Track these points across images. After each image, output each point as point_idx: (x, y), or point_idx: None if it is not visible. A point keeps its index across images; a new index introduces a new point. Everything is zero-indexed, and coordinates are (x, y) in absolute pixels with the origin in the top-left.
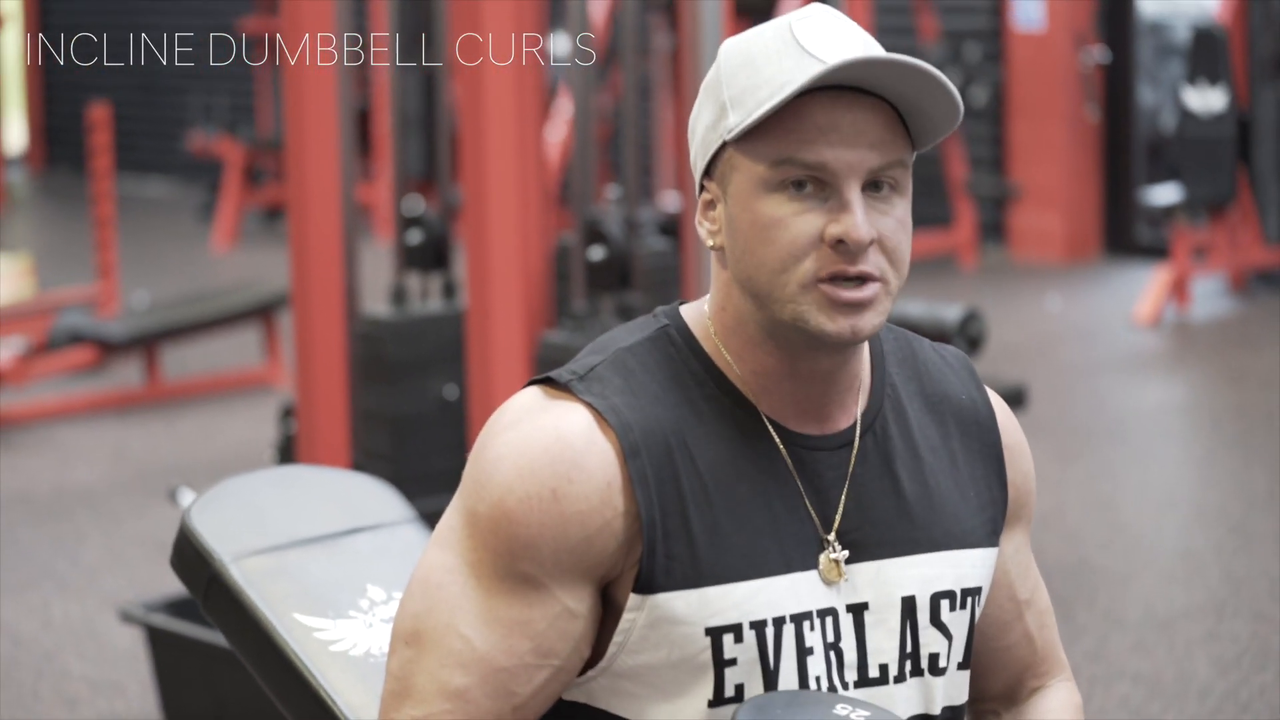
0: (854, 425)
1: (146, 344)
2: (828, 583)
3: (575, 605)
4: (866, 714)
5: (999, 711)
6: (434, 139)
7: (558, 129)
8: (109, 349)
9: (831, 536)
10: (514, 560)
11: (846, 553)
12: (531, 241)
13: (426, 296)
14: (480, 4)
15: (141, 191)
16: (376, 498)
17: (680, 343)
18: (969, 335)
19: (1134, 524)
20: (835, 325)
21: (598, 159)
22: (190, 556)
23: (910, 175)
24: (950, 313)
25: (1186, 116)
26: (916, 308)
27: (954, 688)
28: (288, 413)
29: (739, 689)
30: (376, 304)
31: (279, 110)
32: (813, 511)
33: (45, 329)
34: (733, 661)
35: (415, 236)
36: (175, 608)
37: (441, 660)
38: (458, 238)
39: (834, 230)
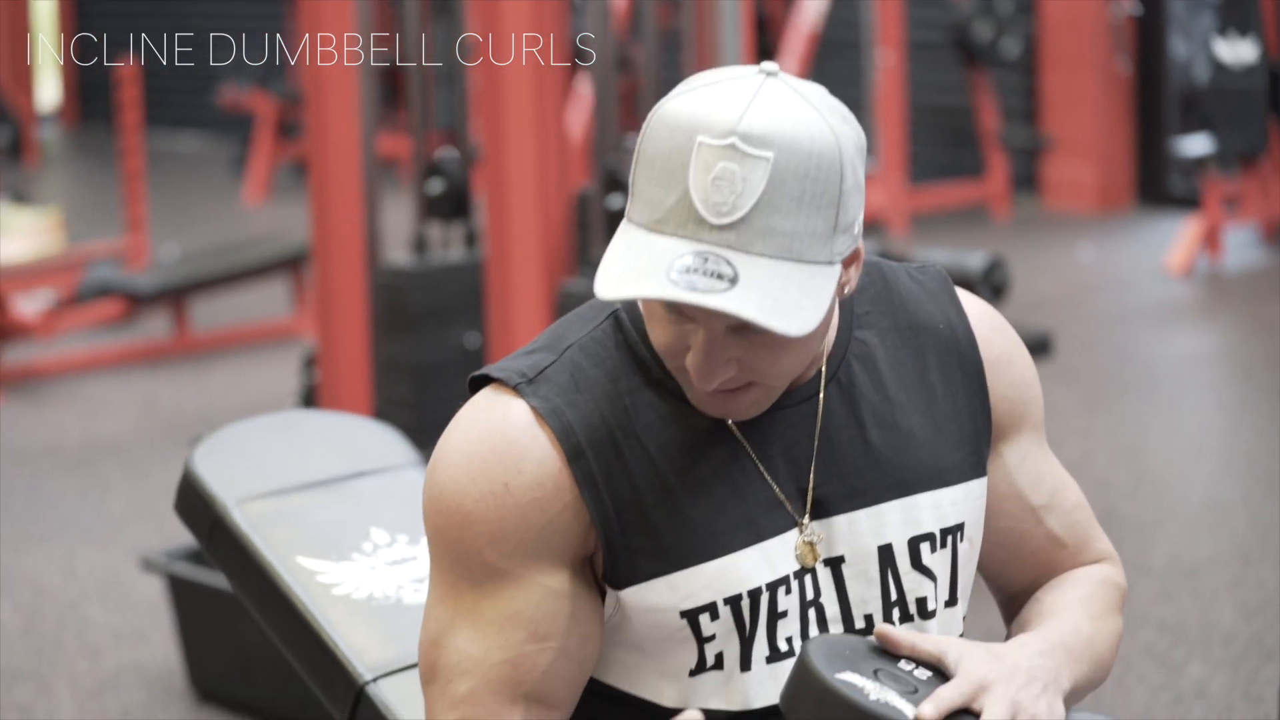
0: (814, 380)
1: (175, 296)
2: (804, 564)
3: (557, 585)
4: (929, 674)
5: None
6: (456, 88)
7: (583, 81)
8: (137, 302)
9: (806, 519)
10: (484, 559)
11: (821, 530)
12: (551, 190)
13: (448, 246)
14: None
15: (175, 146)
16: (380, 441)
17: (629, 328)
18: (993, 283)
19: (1161, 472)
20: (712, 410)
21: (620, 109)
22: (194, 501)
23: None
24: (974, 260)
25: (1218, 68)
26: (940, 256)
27: (945, 627)
28: (310, 362)
29: (719, 657)
30: (401, 253)
31: None
32: (769, 478)
33: (74, 282)
34: (711, 637)
35: (436, 186)
36: (198, 557)
37: (447, 679)
38: (479, 187)
39: (688, 360)
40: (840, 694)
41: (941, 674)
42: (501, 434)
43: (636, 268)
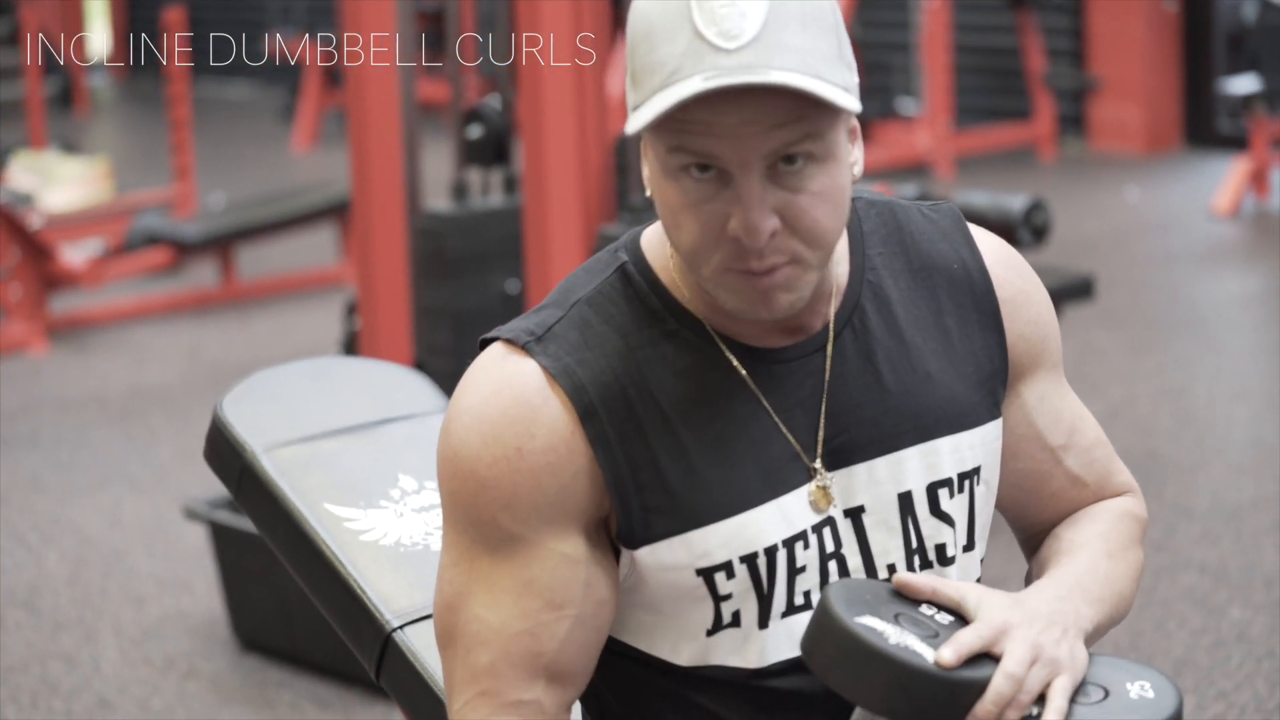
0: (828, 326)
1: (221, 245)
2: (818, 510)
3: (571, 551)
4: (950, 619)
5: None
6: (499, 33)
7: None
8: (184, 250)
9: (817, 464)
10: (499, 524)
11: (832, 476)
12: (590, 135)
13: (487, 191)
14: None
15: (224, 94)
16: (409, 387)
17: (638, 279)
18: (1034, 225)
19: (1205, 415)
20: (751, 308)
21: None
22: (223, 448)
23: (838, 131)
24: (1015, 203)
25: (1265, 6)
26: (981, 198)
27: (964, 573)
28: (352, 309)
29: (735, 615)
30: (443, 198)
31: None
32: (786, 431)
33: (122, 231)
34: (728, 596)
35: (476, 131)
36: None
37: (467, 647)
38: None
39: (731, 226)
40: (860, 638)
41: (962, 619)
42: (512, 396)
43: (665, 99)
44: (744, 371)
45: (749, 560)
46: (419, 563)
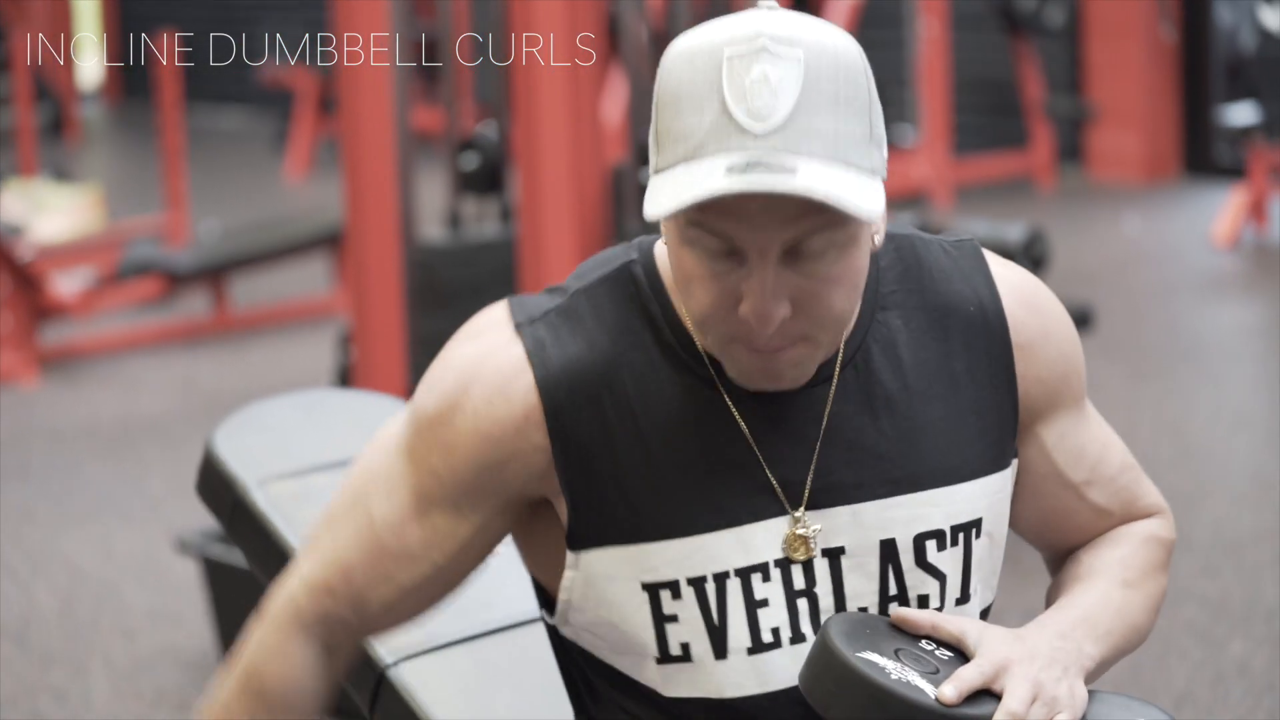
0: (828, 364)
1: (214, 274)
2: (791, 556)
3: (471, 517)
4: (950, 654)
5: None
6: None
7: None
8: (176, 280)
9: (800, 512)
10: (430, 457)
11: (816, 516)
12: (585, 165)
13: (483, 221)
14: None
15: (216, 122)
16: None
17: (643, 282)
18: (1033, 256)
19: (1205, 446)
20: (755, 383)
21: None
22: (215, 481)
23: (857, 222)
24: (1013, 233)
25: (1264, 35)
26: (980, 227)
27: None
28: (345, 340)
29: (685, 647)
30: (438, 228)
31: None
32: (764, 463)
33: (114, 260)
34: (673, 618)
35: (471, 162)
36: None
37: (348, 527)
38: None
39: (743, 309)
40: (861, 673)
41: (962, 655)
42: (494, 364)
43: (686, 183)
44: (729, 400)
45: (696, 584)
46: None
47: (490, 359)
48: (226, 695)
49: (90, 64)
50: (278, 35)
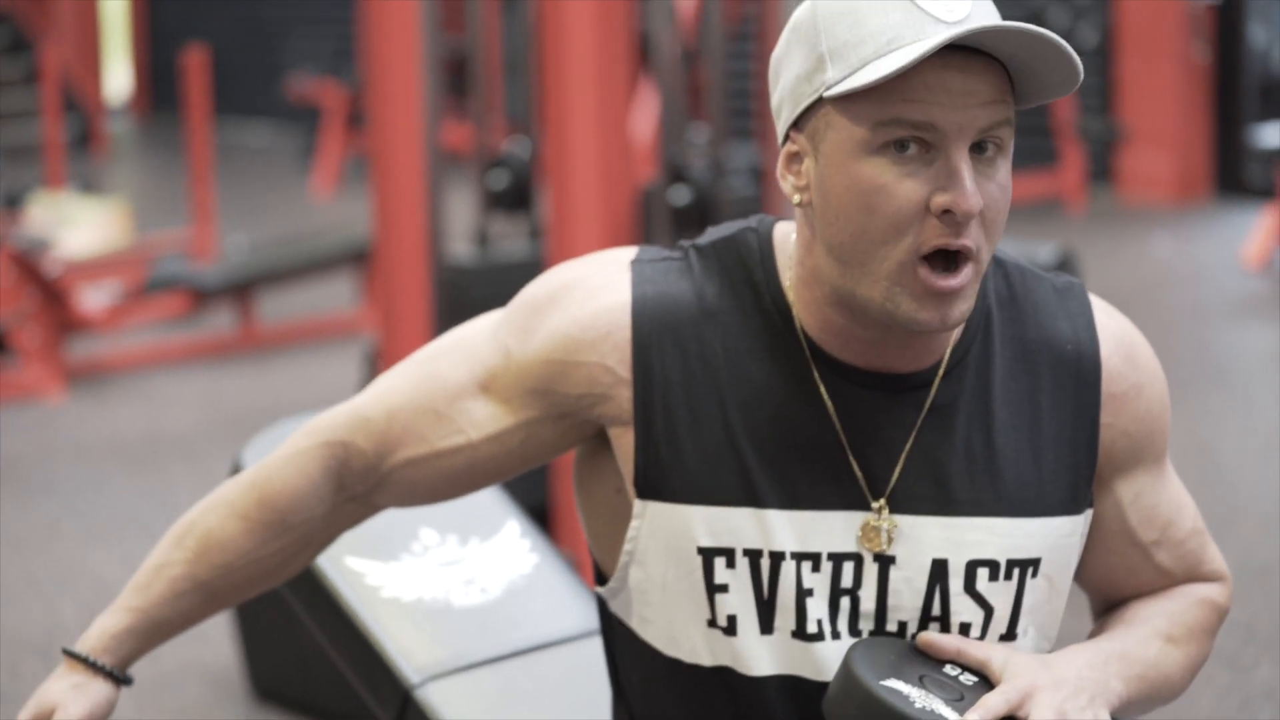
0: (930, 369)
1: (240, 291)
2: (863, 545)
3: (520, 412)
4: (975, 679)
5: None
6: (524, 78)
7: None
8: (203, 295)
9: (880, 503)
10: (509, 339)
11: (895, 520)
12: (615, 185)
13: (511, 239)
14: None
15: (244, 137)
16: None
17: (755, 249)
18: None
19: (1234, 470)
20: (926, 314)
21: (688, 101)
22: None
23: (1013, 134)
24: (1042, 254)
25: None
26: (1010, 249)
27: None
28: (371, 358)
29: (731, 620)
30: (466, 246)
31: None
32: (853, 458)
33: (141, 275)
34: (724, 588)
35: (500, 179)
36: None
37: (411, 375)
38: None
39: (941, 200)
40: (885, 702)
41: (987, 681)
42: (597, 280)
43: (894, 61)
44: (821, 383)
45: (752, 555)
46: (440, 618)
47: (599, 275)
48: (233, 483)
49: (118, 78)
50: (307, 50)
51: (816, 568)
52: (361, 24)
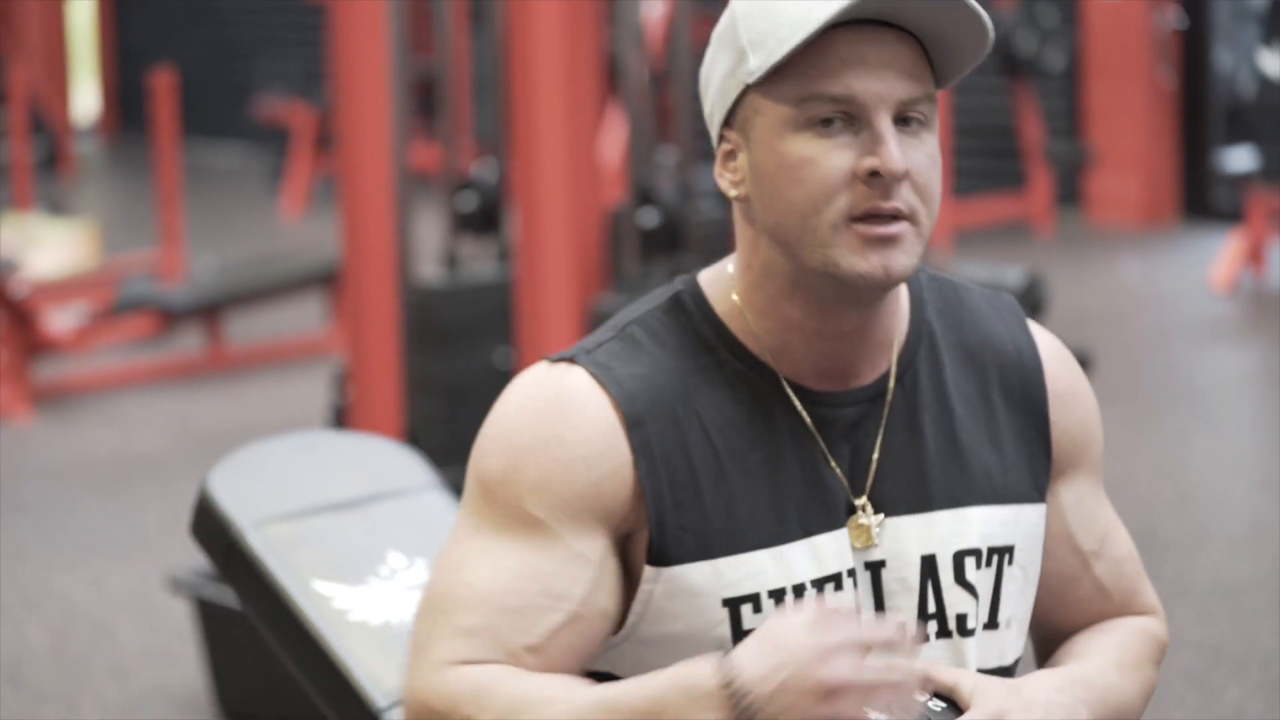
0: (882, 378)
1: (209, 311)
2: (854, 547)
3: (586, 550)
4: (944, 705)
5: None
6: (493, 100)
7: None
8: (171, 317)
9: (862, 500)
10: (521, 506)
11: (881, 516)
12: (584, 206)
13: (480, 261)
14: None
15: (213, 158)
16: (399, 463)
17: (692, 308)
18: (1030, 301)
19: (1203, 492)
20: (867, 264)
21: (657, 123)
22: (209, 523)
23: (937, 111)
24: (1011, 277)
25: (1263, 81)
26: (978, 272)
27: (986, 650)
28: (339, 380)
29: None
30: (435, 268)
31: None
32: (839, 471)
33: (109, 296)
34: (750, 632)
35: (469, 201)
36: None
37: (453, 608)
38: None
39: (867, 163)
40: None
41: (956, 706)
42: (559, 393)
43: (810, 22)
44: (800, 406)
45: (777, 596)
46: (408, 643)
47: (552, 391)
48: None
49: (87, 98)
50: (275, 71)
51: (839, 587)
52: (330, 45)
